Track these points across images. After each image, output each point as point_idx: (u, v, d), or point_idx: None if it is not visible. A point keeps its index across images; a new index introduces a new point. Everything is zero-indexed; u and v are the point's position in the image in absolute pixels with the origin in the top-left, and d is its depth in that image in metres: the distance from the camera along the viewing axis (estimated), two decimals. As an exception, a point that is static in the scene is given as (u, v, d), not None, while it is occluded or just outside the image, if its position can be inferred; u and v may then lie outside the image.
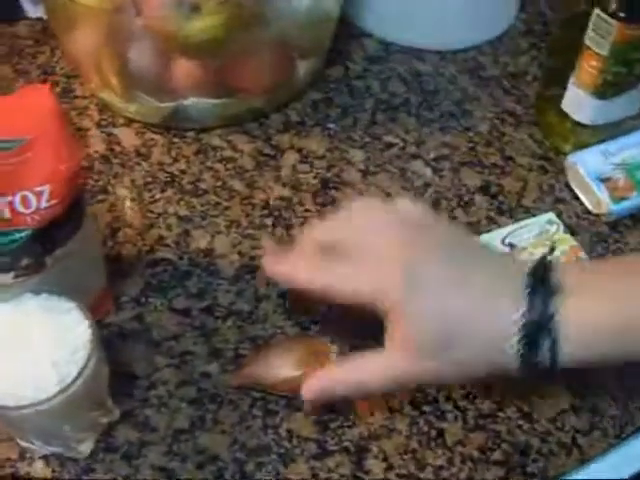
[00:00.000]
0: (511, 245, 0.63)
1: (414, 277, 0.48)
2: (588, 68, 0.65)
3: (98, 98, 0.72)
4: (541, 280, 0.48)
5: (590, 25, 0.63)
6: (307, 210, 0.66)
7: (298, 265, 0.53)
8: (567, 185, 0.69)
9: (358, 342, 0.56)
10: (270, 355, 0.56)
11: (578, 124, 0.69)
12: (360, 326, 0.55)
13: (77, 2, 0.64)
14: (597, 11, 0.63)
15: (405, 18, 0.77)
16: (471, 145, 0.72)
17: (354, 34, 0.80)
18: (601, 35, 0.63)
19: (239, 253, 0.63)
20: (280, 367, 0.55)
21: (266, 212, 0.66)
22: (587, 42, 0.64)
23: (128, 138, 0.70)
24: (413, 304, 0.48)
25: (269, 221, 0.65)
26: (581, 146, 0.70)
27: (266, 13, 0.63)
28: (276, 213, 0.66)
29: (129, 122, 0.71)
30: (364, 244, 0.51)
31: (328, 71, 0.77)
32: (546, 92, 0.71)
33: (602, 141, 0.69)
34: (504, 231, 0.64)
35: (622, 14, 0.61)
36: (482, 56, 0.79)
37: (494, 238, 0.64)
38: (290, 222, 0.65)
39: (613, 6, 0.61)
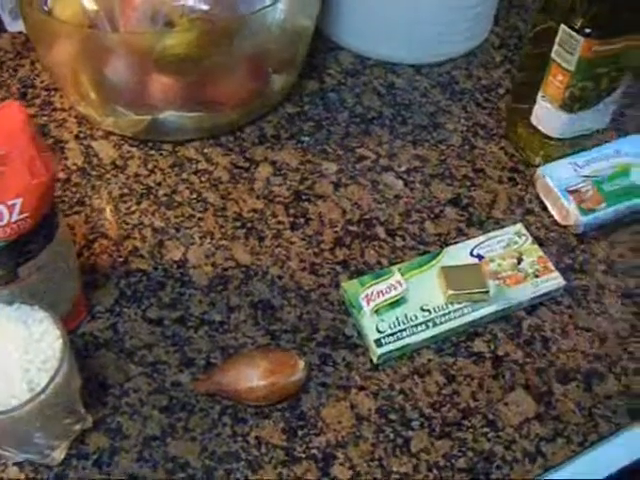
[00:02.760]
0: (479, 256, 0.65)
1: None
2: (555, 82, 0.66)
3: (77, 111, 0.74)
4: None
5: (557, 40, 0.65)
6: (279, 222, 0.67)
7: None
8: (537, 197, 0.71)
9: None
10: (238, 364, 0.57)
11: (547, 137, 0.70)
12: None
13: (54, 18, 0.66)
14: (563, 27, 0.64)
15: (380, 32, 0.78)
16: (442, 158, 0.73)
17: (330, 48, 0.82)
18: (567, 50, 0.64)
19: (212, 264, 0.65)
20: (247, 376, 0.56)
21: (239, 224, 0.67)
22: (554, 57, 0.66)
23: (105, 151, 0.72)
24: None
25: (242, 233, 0.66)
26: (551, 159, 0.71)
27: (240, 29, 0.64)
28: (249, 225, 0.67)
29: (107, 135, 0.73)
30: None
31: (303, 84, 0.78)
32: (516, 105, 0.72)
33: (572, 154, 0.71)
34: (473, 242, 0.66)
35: (588, 30, 0.63)
36: (456, 70, 0.81)
37: (462, 249, 0.65)
38: (263, 234, 0.66)
39: (579, 22, 0.63)
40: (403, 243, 0.67)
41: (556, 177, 0.69)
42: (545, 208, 0.70)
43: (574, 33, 0.63)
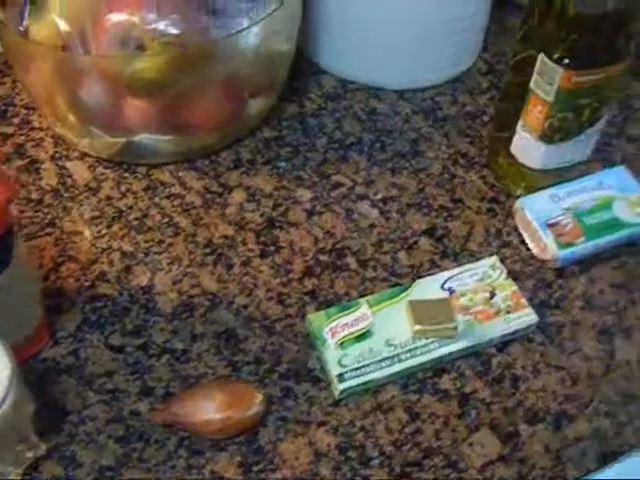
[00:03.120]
0: (451, 290, 0.63)
1: None
2: (535, 113, 0.65)
3: (54, 131, 0.73)
4: None
5: (535, 70, 0.63)
6: (249, 249, 0.66)
7: None
8: (515, 229, 0.69)
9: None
10: (195, 396, 0.56)
11: (528, 168, 0.69)
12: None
13: (29, 39, 0.66)
14: (542, 57, 0.62)
15: (364, 56, 0.77)
16: (420, 187, 0.72)
17: (313, 71, 0.81)
18: (546, 81, 0.63)
19: (178, 291, 0.64)
20: (203, 409, 0.55)
21: (209, 250, 0.66)
22: (533, 87, 0.64)
23: (80, 172, 0.71)
24: None
25: (211, 259, 0.65)
26: (532, 189, 0.69)
27: (212, 53, 0.64)
28: (218, 252, 0.66)
29: (82, 156, 0.72)
30: None
31: (283, 108, 0.77)
32: (498, 134, 0.71)
33: (554, 185, 0.69)
34: (445, 275, 0.64)
35: (567, 61, 0.61)
36: (440, 95, 0.79)
37: (434, 282, 0.64)
38: (231, 261, 0.65)
39: (558, 52, 0.61)
40: (374, 274, 0.65)
41: (535, 209, 0.67)
42: (523, 241, 0.68)
43: (552, 63, 0.62)
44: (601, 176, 0.70)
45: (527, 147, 0.67)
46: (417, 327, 0.60)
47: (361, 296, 0.63)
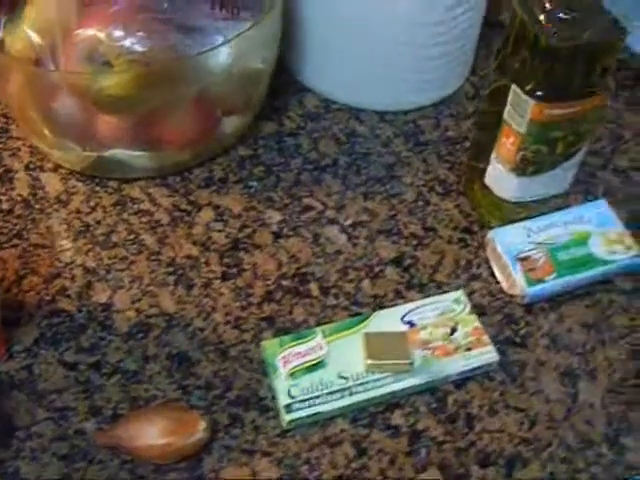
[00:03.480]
0: (411, 323, 0.62)
1: None
2: (507, 144, 0.63)
3: (30, 140, 0.73)
4: None
5: (508, 101, 0.61)
6: (211, 271, 0.65)
7: None
8: (486, 261, 0.67)
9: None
10: (139, 420, 0.56)
11: (503, 199, 0.67)
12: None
13: (3, 50, 0.66)
14: (514, 87, 0.61)
15: (347, 76, 0.76)
16: (393, 213, 0.70)
17: (296, 89, 0.79)
18: (518, 112, 0.61)
19: (137, 310, 0.63)
20: (146, 433, 0.55)
21: (171, 270, 0.66)
22: (505, 118, 0.62)
23: (52, 183, 0.71)
24: None
25: (172, 279, 0.65)
26: (508, 221, 0.67)
27: (179, 72, 0.63)
28: (180, 272, 0.65)
29: (56, 167, 0.72)
30: None
31: (261, 126, 0.76)
32: (473, 164, 0.69)
33: (530, 217, 0.67)
34: (406, 307, 0.63)
35: (539, 93, 0.59)
36: (423, 119, 0.78)
37: (394, 314, 0.62)
38: (193, 282, 0.65)
39: (530, 84, 0.59)
40: (335, 302, 0.64)
41: (506, 242, 0.65)
42: (493, 274, 0.66)
43: (524, 95, 0.60)
44: (580, 210, 0.68)
45: (500, 179, 0.65)
46: (369, 361, 0.58)
47: (319, 324, 0.62)
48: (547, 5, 0.57)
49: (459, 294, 0.64)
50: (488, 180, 0.66)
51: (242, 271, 0.66)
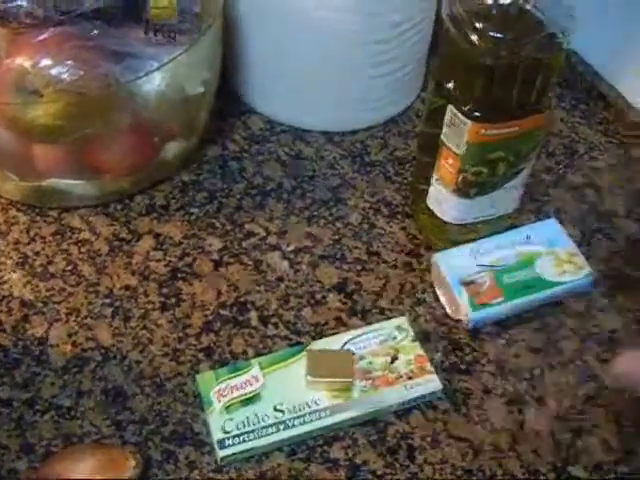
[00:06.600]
0: (350, 352, 0.60)
1: None
2: (447, 166, 0.61)
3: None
4: None
5: (445, 122, 0.60)
6: (150, 302, 0.64)
7: None
8: (432, 286, 0.65)
9: None
10: (69, 458, 0.55)
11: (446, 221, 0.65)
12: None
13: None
14: (451, 108, 0.59)
15: (292, 97, 0.74)
16: (336, 237, 0.68)
17: (242, 111, 0.78)
18: (456, 133, 0.59)
19: (72, 344, 0.62)
20: (77, 471, 0.54)
21: (108, 301, 0.64)
22: (443, 139, 0.61)
23: (-8, 214, 0.70)
24: None
25: (109, 311, 0.63)
26: (454, 243, 0.66)
27: (111, 100, 0.62)
28: (117, 303, 0.64)
29: (-3, 198, 0.71)
30: None
31: (205, 150, 0.74)
32: (417, 185, 0.67)
33: (475, 239, 0.66)
34: (346, 336, 0.61)
35: (476, 113, 0.58)
36: (372, 139, 0.76)
37: (333, 343, 0.61)
38: (130, 314, 0.63)
39: (467, 105, 0.58)
40: (275, 332, 0.62)
41: (451, 265, 0.64)
42: (438, 298, 0.65)
43: (461, 116, 0.58)
44: (530, 229, 0.67)
45: (442, 200, 0.64)
46: (309, 378, 0.57)
47: (258, 355, 0.61)
48: (477, 25, 0.55)
49: (402, 320, 0.62)
50: (430, 202, 0.65)
51: (181, 301, 0.64)
